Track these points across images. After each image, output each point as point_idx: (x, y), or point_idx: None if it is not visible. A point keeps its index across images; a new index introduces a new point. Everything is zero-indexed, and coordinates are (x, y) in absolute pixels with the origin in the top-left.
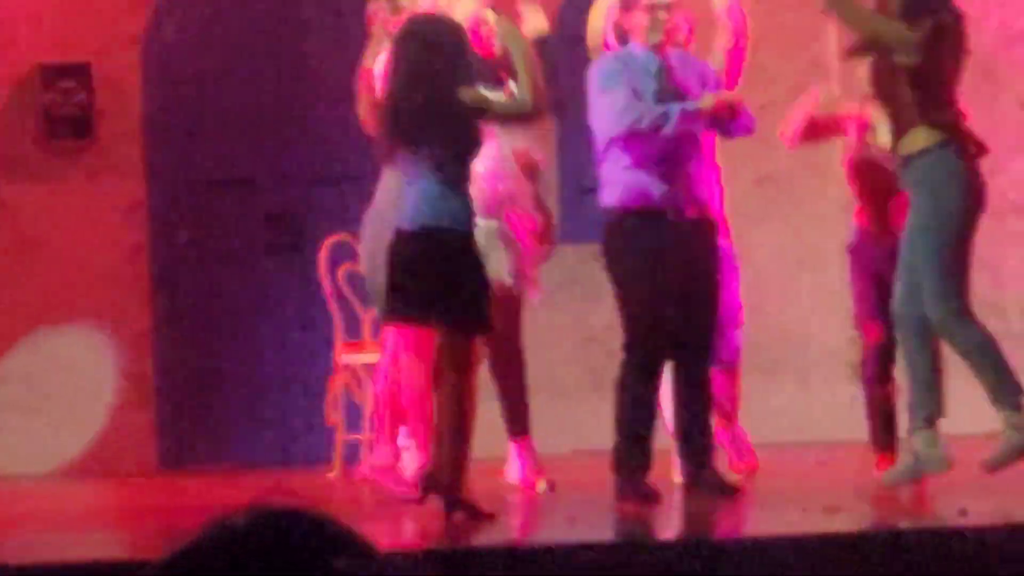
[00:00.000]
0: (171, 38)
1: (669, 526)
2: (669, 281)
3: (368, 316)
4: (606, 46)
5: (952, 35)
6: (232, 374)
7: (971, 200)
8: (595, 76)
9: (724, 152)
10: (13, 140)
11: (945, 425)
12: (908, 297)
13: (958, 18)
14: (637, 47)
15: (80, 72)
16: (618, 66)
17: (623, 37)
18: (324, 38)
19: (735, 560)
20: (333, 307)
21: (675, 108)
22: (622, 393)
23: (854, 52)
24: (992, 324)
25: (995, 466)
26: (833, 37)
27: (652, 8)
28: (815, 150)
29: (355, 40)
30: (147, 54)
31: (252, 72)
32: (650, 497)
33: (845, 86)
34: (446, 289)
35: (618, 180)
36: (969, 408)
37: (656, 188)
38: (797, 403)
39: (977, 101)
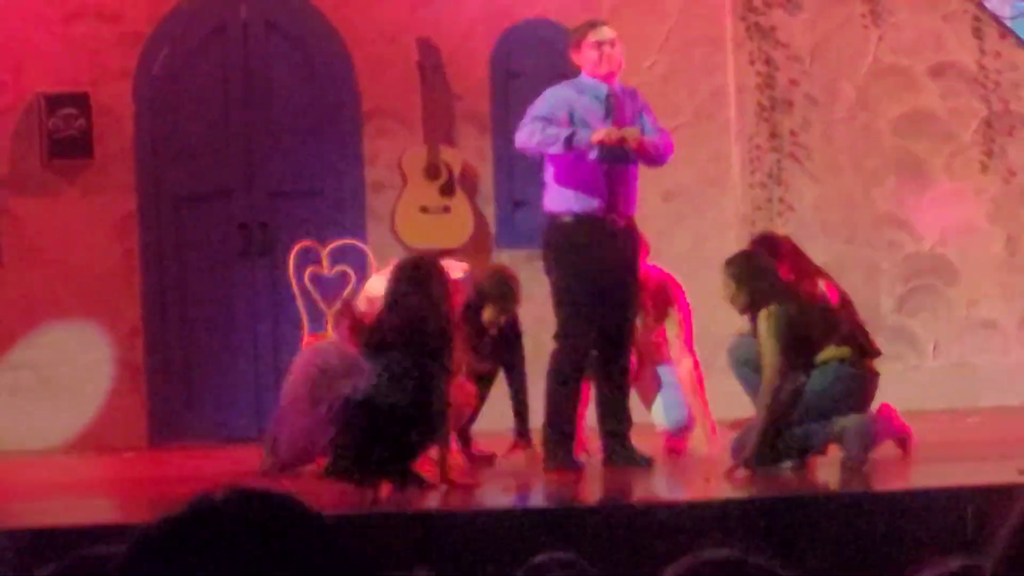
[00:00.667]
0: (158, 71)
1: (591, 493)
2: (600, 280)
3: (331, 311)
4: None
5: (791, 285)
6: (213, 362)
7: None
8: (540, 96)
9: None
10: (21, 159)
11: None
12: (745, 345)
13: (778, 264)
14: (587, 79)
15: (79, 101)
16: (560, 93)
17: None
18: (291, 68)
19: (649, 521)
20: (300, 303)
21: (565, 133)
22: (553, 377)
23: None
24: (864, 317)
25: (852, 467)
26: (731, 72)
27: (599, 44)
28: (714, 166)
29: (316, 68)
30: (138, 85)
31: (227, 99)
32: (574, 467)
33: (740, 111)
34: (392, 451)
35: (560, 190)
36: None
37: (592, 198)
38: None
39: (855, 127)
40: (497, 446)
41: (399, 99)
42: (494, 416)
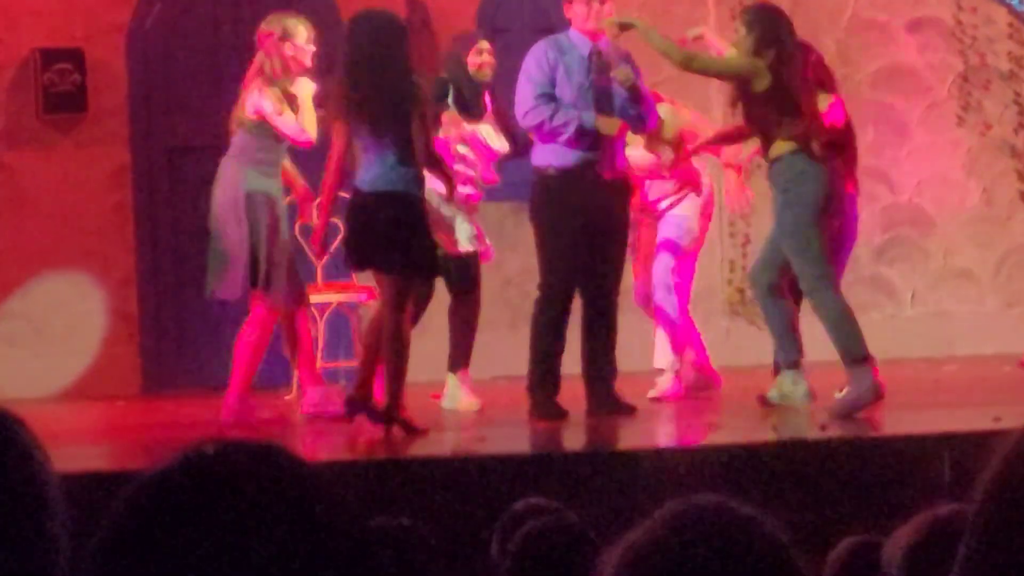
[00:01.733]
0: (151, 26)
1: (576, 439)
2: (583, 231)
3: (320, 263)
4: None
5: (794, 61)
6: (204, 312)
7: (820, 196)
8: (528, 59)
9: None
10: (16, 113)
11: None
12: (762, 266)
13: (799, 47)
14: (575, 33)
15: (74, 56)
16: (548, 52)
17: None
18: None
19: (632, 466)
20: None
21: (574, 121)
22: (535, 325)
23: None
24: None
25: (839, 414)
26: (713, 26)
27: (588, 1)
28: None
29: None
30: (131, 40)
31: (218, 53)
32: (559, 415)
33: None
34: (395, 241)
35: (544, 144)
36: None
37: (576, 153)
38: None
39: None
40: (481, 394)
41: None
42: (481, 365)
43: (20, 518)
